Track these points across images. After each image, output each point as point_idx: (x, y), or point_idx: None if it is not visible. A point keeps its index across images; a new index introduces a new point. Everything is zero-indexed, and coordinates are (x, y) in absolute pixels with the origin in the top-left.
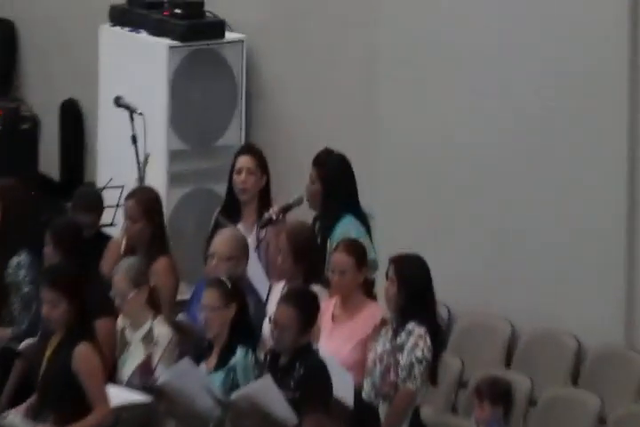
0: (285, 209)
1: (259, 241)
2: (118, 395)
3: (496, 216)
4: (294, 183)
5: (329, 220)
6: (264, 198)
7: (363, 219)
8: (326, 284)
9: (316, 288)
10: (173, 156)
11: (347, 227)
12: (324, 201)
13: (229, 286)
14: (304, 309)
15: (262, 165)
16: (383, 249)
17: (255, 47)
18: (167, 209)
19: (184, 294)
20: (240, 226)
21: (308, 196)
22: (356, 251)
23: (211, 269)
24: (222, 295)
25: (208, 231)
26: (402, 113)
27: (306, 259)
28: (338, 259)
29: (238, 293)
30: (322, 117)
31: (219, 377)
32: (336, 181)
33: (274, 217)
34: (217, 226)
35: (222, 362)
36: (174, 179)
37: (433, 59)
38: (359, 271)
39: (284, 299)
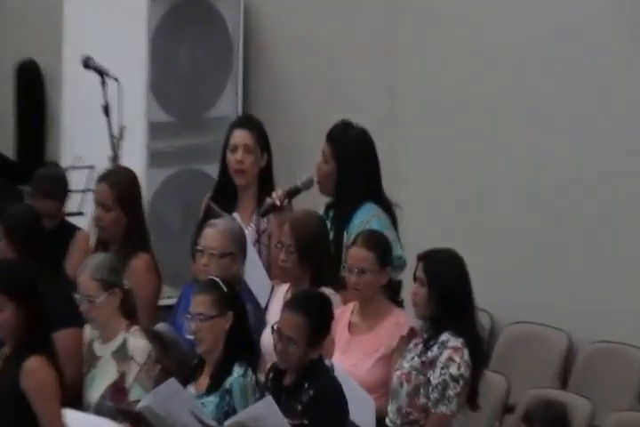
0: (291, 194)
1: (259, 233)
2: (83, 421)
3: (549, 204)
4: (302, 163)
5: (345, 207)
6: (265, 181)
7: (387, 207)
8: (341, 286)
9: (329, 292)
10: (154, 129)
11: (367, 216)
12: (340, 184)
13: (225, 289)
14: (314, 317)
15: (263, 140)
16: (411, 244)
17: None
18: (147, 194)
19: (167, 298)
20: (236, 215)
21: (320, 178)
22: (379, 245)
23: (200, 268)
24: (216, 301)
25: (197, 221)
26: (428, 79)
27: (315, 255)
28: (356, 255)
29: (235, 298)
30: (335, 84)
31: (212, 401)
32: (354, 161)
33: (277, 203)
34: (208, 215)
35: (216, 383)
36: (156, 157)
37: (460, 14)
38: (382, 271)
39: (290, 305)
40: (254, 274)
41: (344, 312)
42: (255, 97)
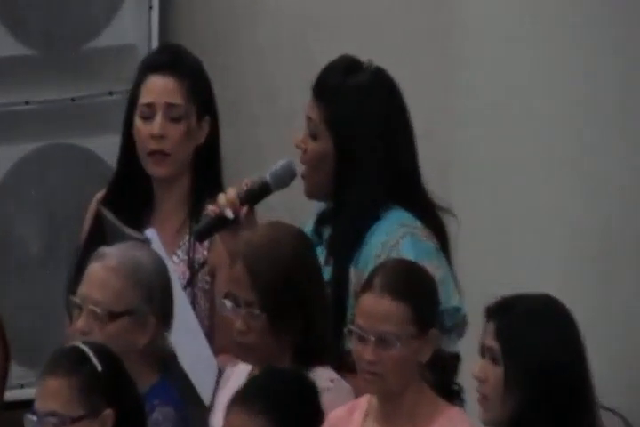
0: (254, 196)
1: (193, 269)
2: None
3: None
4: (275, 140)
5: (352, 219)
6: (206, 171)
7: (429, 216)
8: (345, 365)
9: (328, 376)
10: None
11: (393, 234)
12: (341, 177)
13: (99, 367)
14: (287, 419)
15: (202, 95)
16: (474, 285)
17: None
18: None
19: (21, 388)
20: (151, 232)
21: (305, 165)
22: (415, 290)
23: (77, 336)
24: (80, 390)
25: (76, 246)
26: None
27: (297, 315)
28: (373, 309)
29: (120, 383)
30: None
31: None
32: (367, 133)
33: (228, 215)
34: (97, 234)
35: None
36: (3, 123)
37: None
38: (421, 337)
39: (243, 398)
40: (187, 345)
41: (351, 414)
42: (184, 14)
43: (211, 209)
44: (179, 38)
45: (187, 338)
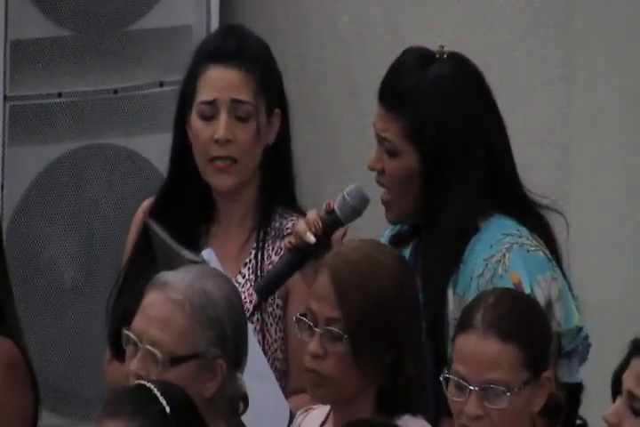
0: (332, 221)
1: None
2: None
3: None
4: (356, 139)
5: (451, 233)
6: (275, 177)
7: (536, 222)
8: (445, 412)
9: (413, 425)
10: (24, 59)
11: (498, 247)
12: (434, 193)
13: (167, 408)
14: None
15: (271, 88)
16: (587, 298)
17: None
18: (7, 203)
19: None
20: (209, 255)
21: (385, 188)
22: (526, 327)
23: (129, 379)
24: None
25: (120, 269)
26: None
27: (380, 341)
28: (478, 352)
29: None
30: None
31: None
32: (461, 134)
33: (310, 238)
34: (142, 252)
35: None
36: (25, 120)
37: None
38: (532, 382)
39: None
40: (252, 389)
41: None
42: None
43: (288, 241)
44: (242, 18)
45: (252, 379)
